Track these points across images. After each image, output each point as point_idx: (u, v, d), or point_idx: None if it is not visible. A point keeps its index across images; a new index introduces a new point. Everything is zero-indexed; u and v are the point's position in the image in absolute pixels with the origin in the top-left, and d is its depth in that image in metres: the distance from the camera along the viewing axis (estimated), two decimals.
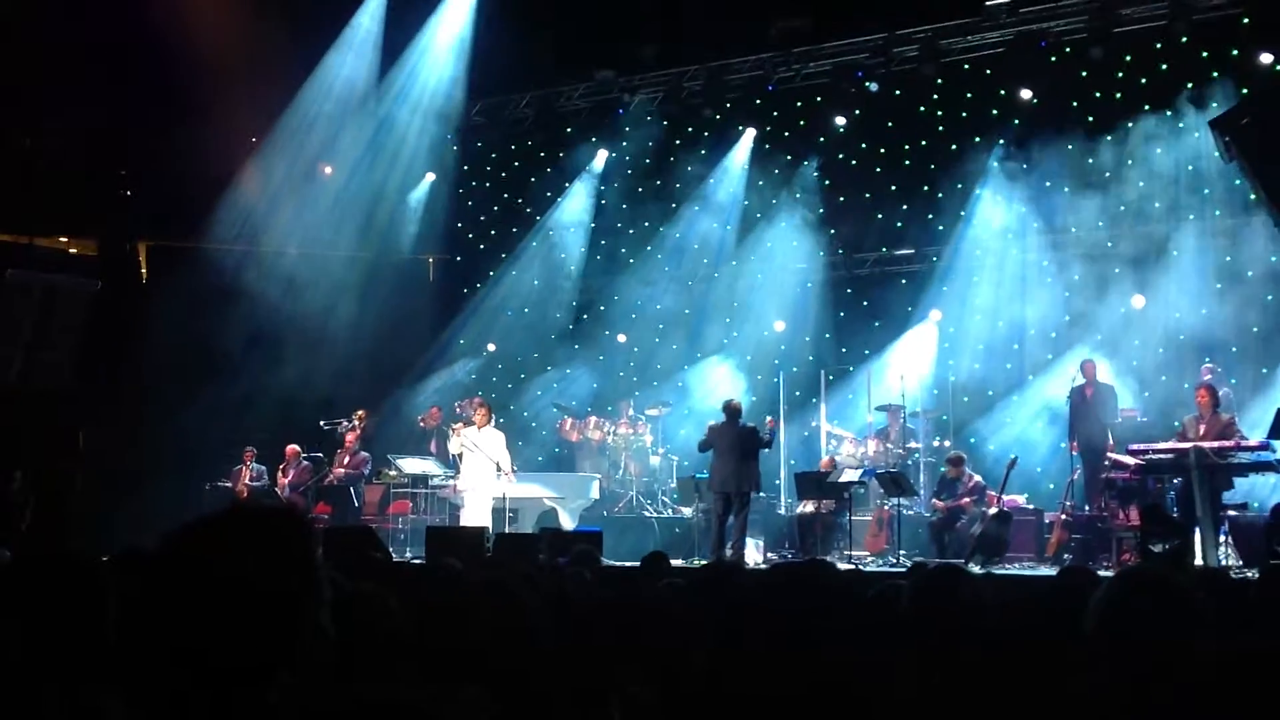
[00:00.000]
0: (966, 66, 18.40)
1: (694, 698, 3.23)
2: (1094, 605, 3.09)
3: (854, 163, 19.33)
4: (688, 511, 16.99)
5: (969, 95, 18.29)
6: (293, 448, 17.64)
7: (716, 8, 18.55)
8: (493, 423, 15.90)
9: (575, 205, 21.21)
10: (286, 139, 19.73)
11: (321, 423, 18.02)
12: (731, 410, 14.98)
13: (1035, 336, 17.84)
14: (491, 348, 21.42)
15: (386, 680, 3.18)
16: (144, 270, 19.66)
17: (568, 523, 16.52)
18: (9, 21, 16.49)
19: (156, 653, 1.88)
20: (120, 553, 4.57)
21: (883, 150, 19.11)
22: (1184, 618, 2.97)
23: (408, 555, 15.10)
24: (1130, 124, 17.14)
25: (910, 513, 15.99)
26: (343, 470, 17.52)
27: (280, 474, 17.52)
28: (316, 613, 1.95)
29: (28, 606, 2.93)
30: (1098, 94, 17.39)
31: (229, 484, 17.40)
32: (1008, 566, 13.91)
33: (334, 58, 19.97)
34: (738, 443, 14.64)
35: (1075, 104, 17.55)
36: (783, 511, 17.28)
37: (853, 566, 12.97)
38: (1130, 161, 17.10)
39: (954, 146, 18.37)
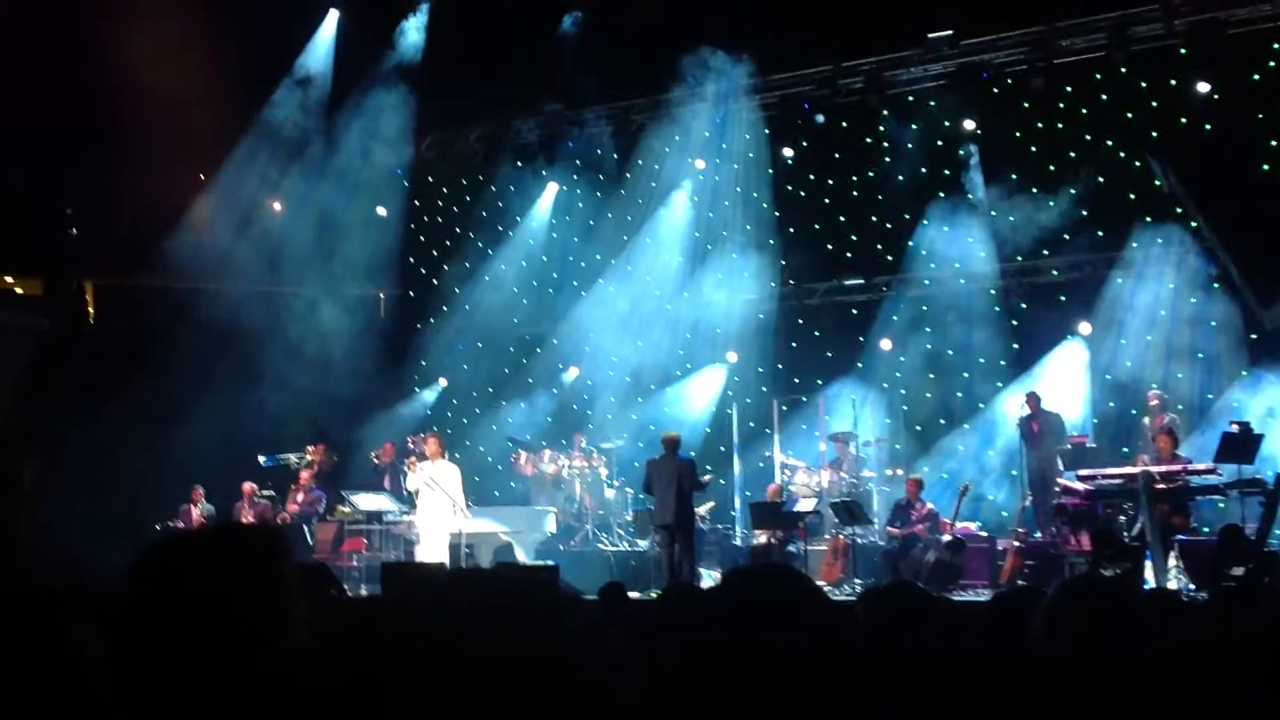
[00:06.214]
0: (911, 98, 18.64)
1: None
2: (1039, 613, 3.15)
3: (803, 194, 19.50)
4: (644, 544, 16.96)
5: (914, 126, 18.51)
6: (249, 485, 17.45)
7: (662, 41, 18.68)
8: (446, 456, 15.81)
9: (526, 238, 21.24)
10: (235, 176, 19.65)
11: (261, 458, 17.81)
12: (669, 442, 14.93)
13: (984, 365, 18.00)
14: (443, 383, 21.36)
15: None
16: (91, 309, 19.47)
17: (524, 557, 16.42)
18: None
19: (129, 672, 1.88)
20: (66, 587, 4.49)
21: (830, 181, 19.30)
22: (1126, 619, 3.03)
23: (363, 592, 14.96)
24: (1072, 154, 17.42)
25: (865, 541, 16.05)
26: (296, 508, 17.37)
27: (240, 513, 17.30)
28: (290, 628, 1.95)
29: None
30: (1040, 124, 17.65)
31: (180, 523, 17.16)
32: (962, 593, 13.98)
33: (283, 94, 19.96)
34: (675, 475, 14.53)
35: (1018, 134, 17.80)
36: (739, 543, 17.28)
37: None
38: (1073, 190, 17.35)
39: (900, 177, 18.55)
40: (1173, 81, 16.72)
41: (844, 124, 19.01)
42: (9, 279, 19.12)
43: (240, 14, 17.29)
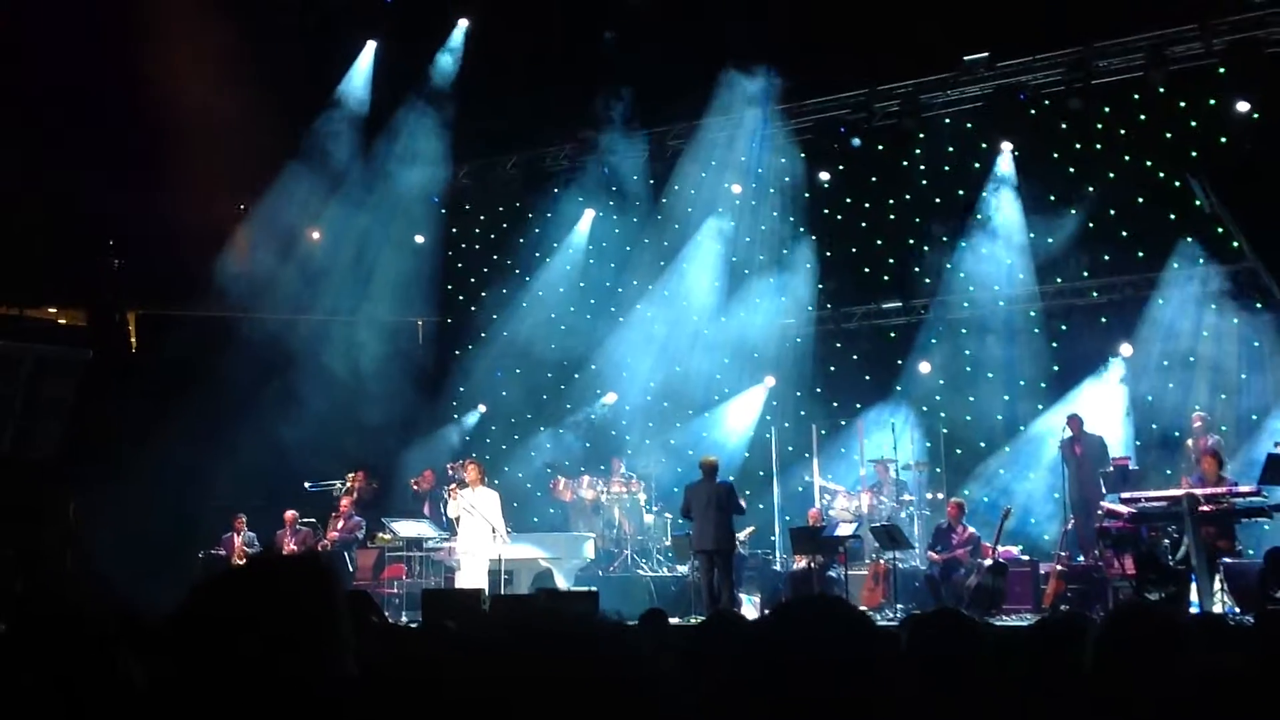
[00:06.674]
0: (947, 120, 18.60)
1: None
2: (1090, 645, 3.12)
3: (839, 217, 19.47)
4: (683, 569, 16.92)
5: (951, 149, 18.46)
6: (291, 513, 17.55)
7: (697, 66, 18.74)
8: (485, 482, 15.84)
9: (564, 265, 21.30)
10: (275, 205, 19.83)
11: (307, 484, 17.92)
12: (707, 467, 14.89)
13: (1025, 387, 17.90)
14: (482, 409, 21.41)
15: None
16: (133, 339, 19.66)
17: (563, 583, 16.42)
18: None
19: (176, 704, 1.89)
20: (111, 619, 4.51)
21: (867, 205, 19.27)
22: (1177, 645, 3.00)
23: (403, 619, 14.98)
24: (1111, 174, 17.33)
25: (906, 566, 15.95)
26: (336, 535, 17.45)
27: (282, 540, 17.39)
28: (340, 656, 1.96)
29: (31, 669, 2.91)
30: (1078, 145, 17.57)
31: (222, 552, 17.28)
32: (1004, 618, 13.85)
33: (321, 124, 20.13)
34: (714, 500, 14.50)
35: (1056, 155, 17.73)
36: (779, 568, 17.22)
37: None
38: (1113, 211, 17.25)
39: (938, 200, 18.51)
40: (1212, 101, 16.62)
41: (880, 147, 18.98)
42: (52, 310, 19.34)
43: (279, 45, 17.49)
